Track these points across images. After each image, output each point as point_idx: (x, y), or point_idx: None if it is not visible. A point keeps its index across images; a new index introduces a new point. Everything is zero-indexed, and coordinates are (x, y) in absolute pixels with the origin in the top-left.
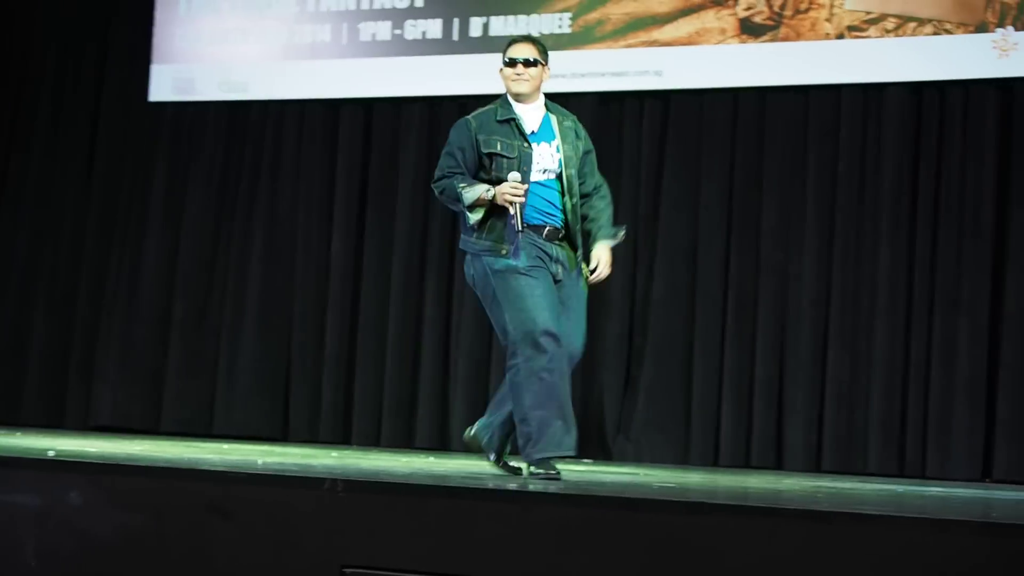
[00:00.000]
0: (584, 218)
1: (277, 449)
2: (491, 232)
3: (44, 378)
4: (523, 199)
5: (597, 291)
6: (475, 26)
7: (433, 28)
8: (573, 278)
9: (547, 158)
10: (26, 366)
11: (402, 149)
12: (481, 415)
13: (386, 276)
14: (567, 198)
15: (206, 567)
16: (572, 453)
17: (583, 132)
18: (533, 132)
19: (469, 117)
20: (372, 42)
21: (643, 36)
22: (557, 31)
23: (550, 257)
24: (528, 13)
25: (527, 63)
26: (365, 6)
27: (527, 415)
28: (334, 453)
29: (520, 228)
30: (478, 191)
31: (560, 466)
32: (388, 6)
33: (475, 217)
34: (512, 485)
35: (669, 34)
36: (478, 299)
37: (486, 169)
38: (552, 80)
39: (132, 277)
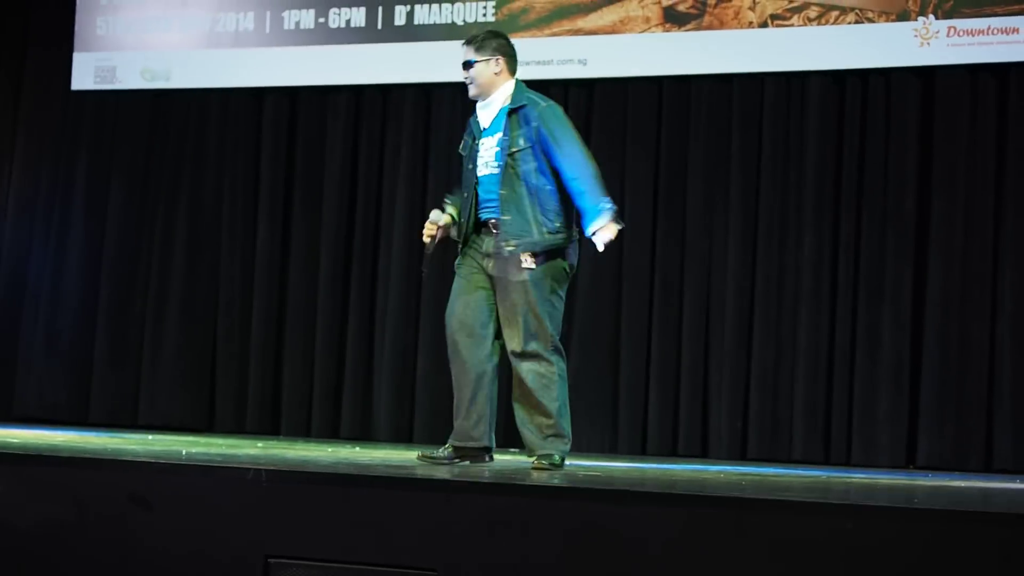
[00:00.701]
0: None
1: (202, 440)
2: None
3: None
4: (433, 236)
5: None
6: (399, 14)
7: (357, 16)
8: (502, 268)
9: (489, 151)
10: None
11: (328, 137)
12: (404, 402)
13: (313, 264)
14: (503, 190)
15: (129, 558)
16: (477, 443)
17: (535, 113)
18: (485, 128)
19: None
20: (296, 30)
21: (567, 24)
22: (481, 19)
23: (482, 253)
24: (452, 1)
25: (465, 66)
26: None
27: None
28: (259, 443)
29: (424, 268)
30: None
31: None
32: None
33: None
34: (437, 474)
35: (593, 22)
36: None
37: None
38: None
39: (56, 265)
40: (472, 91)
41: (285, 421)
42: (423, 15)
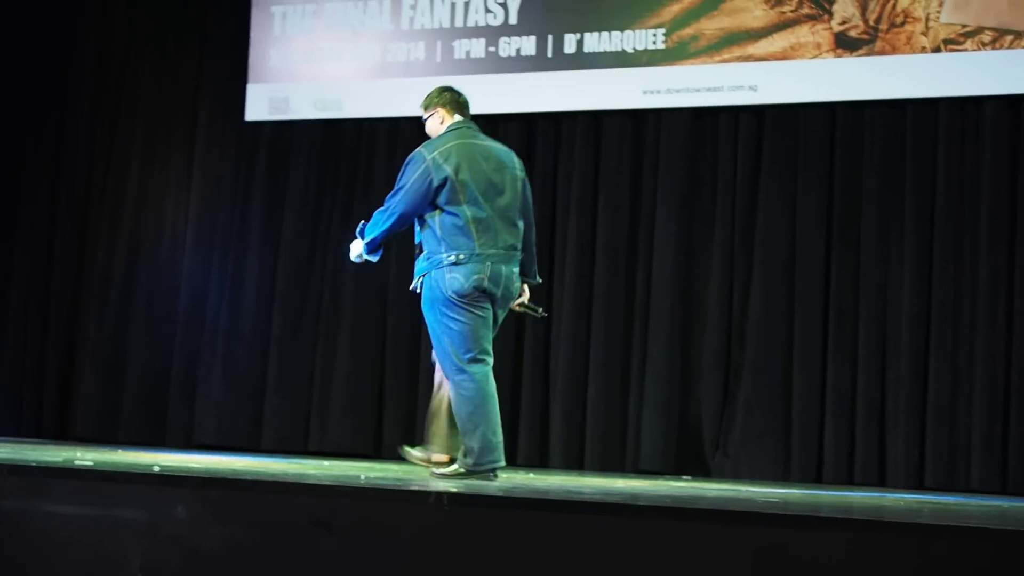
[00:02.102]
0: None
1: (376, 465)
2: None
3: (144, 397)
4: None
5: (694, 306)
6: (569, 43)
7: (527, 45)
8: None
9: None
10: (124, 385)
11: None
12: (575, 429)
13: None
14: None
15: None
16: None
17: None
18: None
19: None
20: (466, 60)
21: (737, 51)
22: (651, 47)
23: None
24: (622, 29)
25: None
26: (459, 24)
27: None
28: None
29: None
30: None
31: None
32: (482, 23)
33: None
34: (616, 499)
35: (764, 49)
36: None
37: None
38: (646, 96)
39: (233, 294)
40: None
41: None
42: (593, 43)
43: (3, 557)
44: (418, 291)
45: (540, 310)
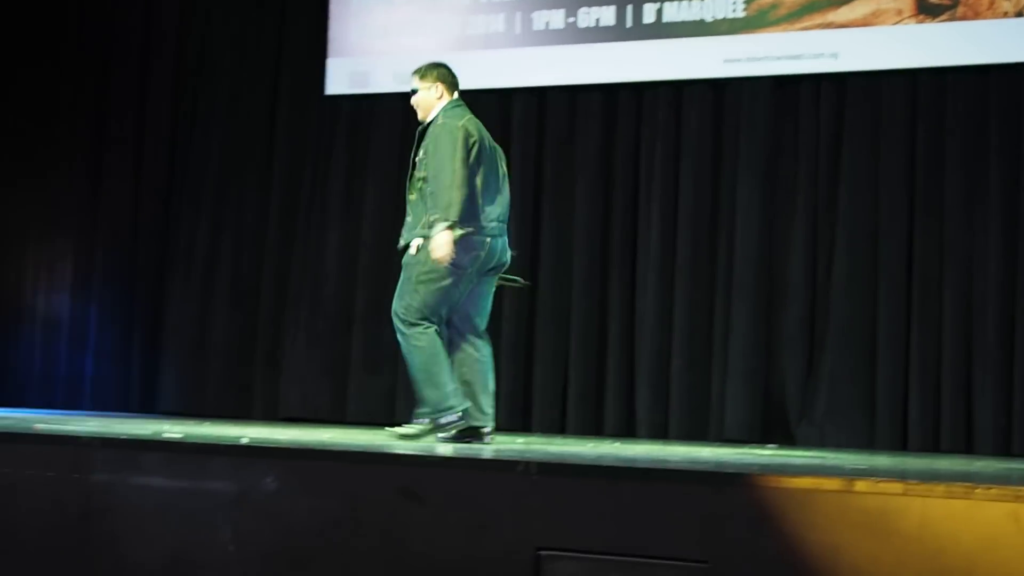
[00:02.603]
0: None
1: None
2: None
3: (229, 371)
4: None
5: (777, 276)
6: (648, 12)
7: (607, 15)
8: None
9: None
10: (209, 359)
11: (577, 137)
12: (659, 399)
13: (566, 265)
14: (410, 194)
15: (400, 551)
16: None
17: (434, 129)
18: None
19: None
20: (545, 31)
21: (818, 18)
22: (731, 15)
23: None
24: None
25: (412, 94)
26: None
27: None
28: (520, 439)
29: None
30: None
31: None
32: None
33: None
34: (704, 466)
35: (844, 16)
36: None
37: None
38: (727, 65)
39: (315, 269)
40: (419, 114)
41: (536, 420)
42: (672, 12)
43: (96, 529)
44: (411, 251)
45: (520, 280)
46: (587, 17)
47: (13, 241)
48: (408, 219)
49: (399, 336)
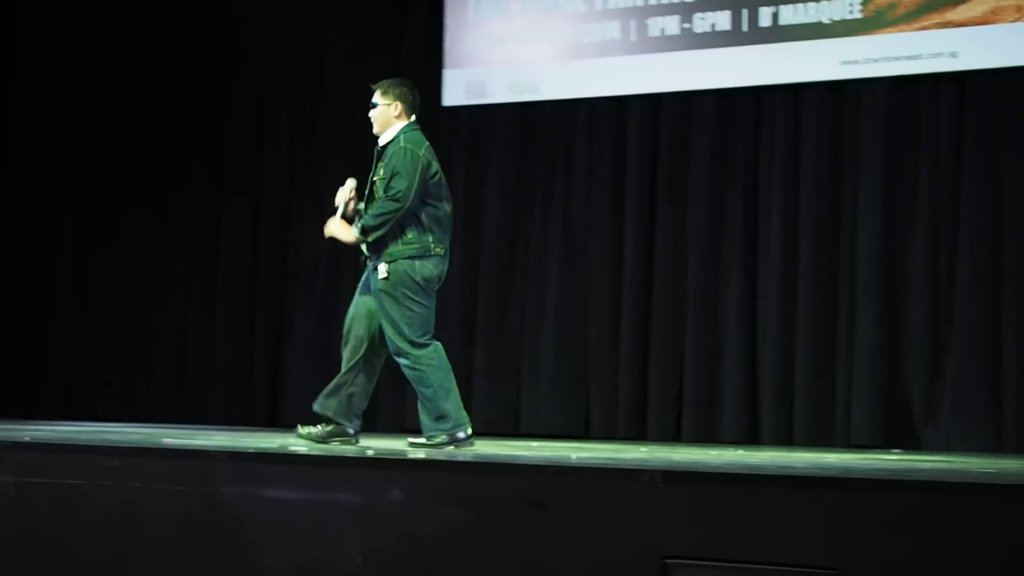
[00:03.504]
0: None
1: (584, 445)
2: None
3: None
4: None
5: (900, 278)
6: (764, 16)
7: (722, 20)
8: (373, 278)
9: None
10: (332, 371)
11: (693, 142)
12: (783, 405)
13: (680, 270)
14: (363, 218)
15: (527, 561)
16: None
17: (392, 149)
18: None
19: None
20: (661, 37)
21: (936, 18)
22: (848, 17)
23: (368, 268)
24: (818, 0)
25: (371, 106)
26: (653, 1)
27: None
28: (643, 448)
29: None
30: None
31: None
32: (676, 0)
33: None
34: (831, 472)
35: (963, 14)
36: None
37: None
38: (844, 67)
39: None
40: (374, 128)
41: (652, 426)
42: (788, 15)
43: (225, 542)
44: (378, 271)
45: None
46: (702, 22)
47: (141, 260)
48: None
49: (411, 367)
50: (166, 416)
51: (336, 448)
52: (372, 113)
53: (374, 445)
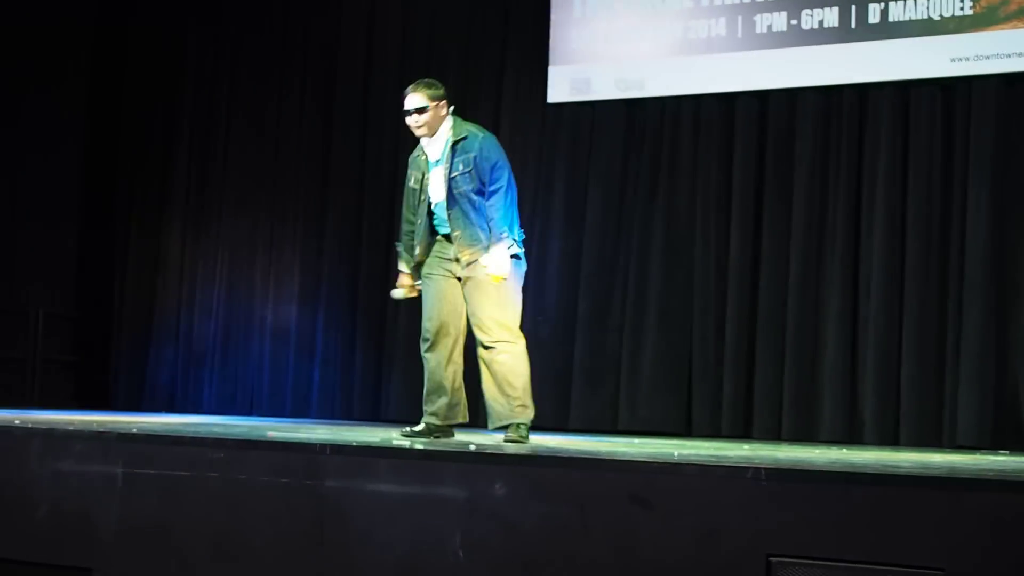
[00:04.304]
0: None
1: (686, 442)
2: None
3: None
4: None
5: (1009, 277)
6: (873, 12)
7: (830, 16)
8: (463, 270)
9: (437, 181)
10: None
11: (798, 139)
12: (888, 405)
13: (784, 268)
14: (449, 210)
15: (630, 557)
16: (456, 420)
17: (471, 143)
18: (436, 161)
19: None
20: (768, 33)
21: None
22: (959, 13)
23: (448, 259)
24: None
25: (417, 111)
26: None
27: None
28: (746, 446)
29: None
30: (399, 264)
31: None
32: None
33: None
34: (938, 472)
35: None
36: None
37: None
38: (954, 64)
39: (537, 275)
40: (422, 132)
41: (757, 425)
42: (898, 12)
43: (328, 535)
44: (489, 268)
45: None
46: (810, 19)
47: (243, 255)
48: (450, 232)
49: (507, 352)
50: (269, 411)
51: (438, 443)
52: (421, 118)
53: (475, 440)
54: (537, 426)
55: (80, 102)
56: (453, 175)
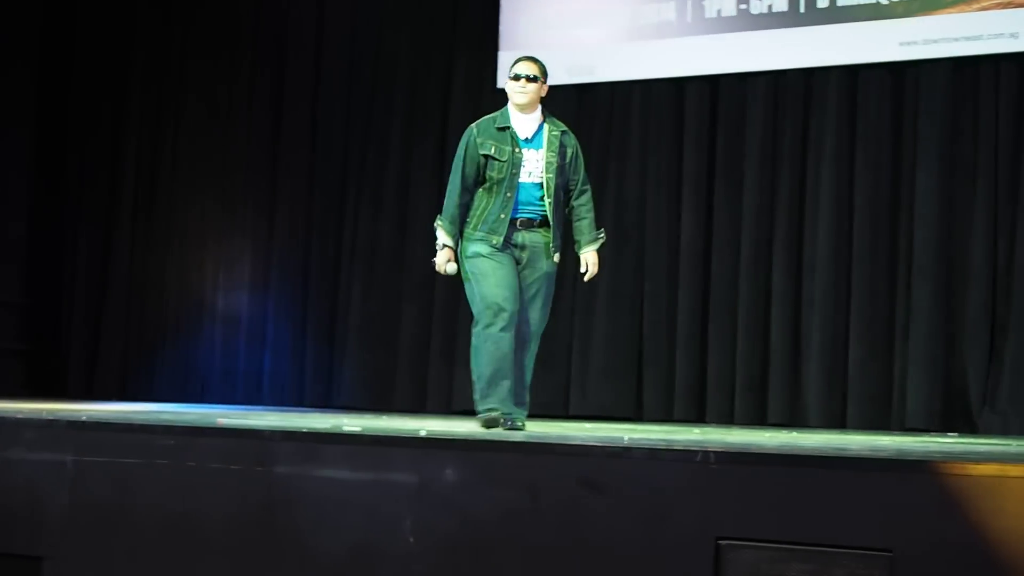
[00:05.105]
0: (573, 215)
1: (637, 426)
2: (472, 224)
3: (404, 365)
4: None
5: (957, 261)
6: None
7: (779, 1)
8: (543, 262)
9: (533, 163)
10: (383, 353)
11: (748, 124)
12: (836, 388)
13: (735, 252)
14: (548, 198)
15: (580, 541)
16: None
17: (572, 140)
18: (527, 139)
19: (472, 124)
20: (717, 18)
21: None
22: None
23: (515, 245)
24: None
25: (529, 79)
26: None
27: (481, 372)
28: (696, 430)
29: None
30: (438, 236)
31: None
32: None
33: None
34: (886, 454)
35: None
36: None
37: (482, 169)
38: (903, 48)
39: None
40: (524, 99)
41: (710, 409)
42: None
43: (279, 521)
44: (545, 250)
45: None
46: (760, 3)
47: (193, 241)
48: (544, 217)
49: (536, 345)
50: (220, 398)
51: (389, 429)
52: (530, 86)
53: (426, 426)
54: None
55: (29, 87)
56: (560, 164)
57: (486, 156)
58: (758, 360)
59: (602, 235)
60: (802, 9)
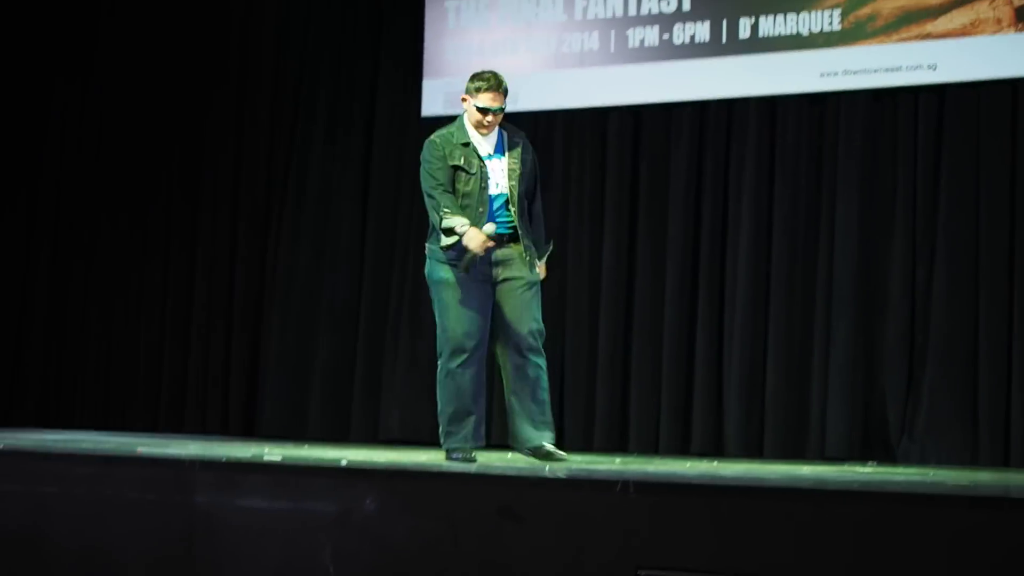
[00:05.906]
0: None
1: None
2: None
3: (328, 394)
4: (481, 253)
5: (876, 291)
6: (744, 27)
7: (701, 31)
8: (523, 271)
9: (498, 173)
10: (307, 383)
11: (672, 153)
12: (754, 417)
13: (660, 281)
14: (513, 207)
15: (500, 571)
16: (481, 444)
17: (530, 147)
18: (489, 153)
19: (434, 137)
20: (640, 48)
21: (916, 30)
22: (827, 29)
23: (490, 263)
24: (797, 11)
25: (498, 112)
26: (633, 12)
27: (443, 409)
28: (618, 459)
29: (464, 269)
30: (455, 223)
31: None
32: (656, 11)
33: (447, 241)
34: (804, 484)
35: (942, 26)
36: None
37: (451, 181)
38: (824, 79)
39: (413, 294)
40: (488, 131)
41: (633, 438)
42: (768, 27)
43: (198, 551)
44: (524, 261)
45: None
46: (682, 33)
47: (116, 271)
48: (512, 229)
49: (543, 359)
50: (142, 426)
51: (310, 458)
52: (498, 118)
53: (347, 455)
54: (415, 440)
55: None
56: (522, 170)
57: (455, 167)
58: (681, 389)
59: (552, 245)
60: (724, 40)
